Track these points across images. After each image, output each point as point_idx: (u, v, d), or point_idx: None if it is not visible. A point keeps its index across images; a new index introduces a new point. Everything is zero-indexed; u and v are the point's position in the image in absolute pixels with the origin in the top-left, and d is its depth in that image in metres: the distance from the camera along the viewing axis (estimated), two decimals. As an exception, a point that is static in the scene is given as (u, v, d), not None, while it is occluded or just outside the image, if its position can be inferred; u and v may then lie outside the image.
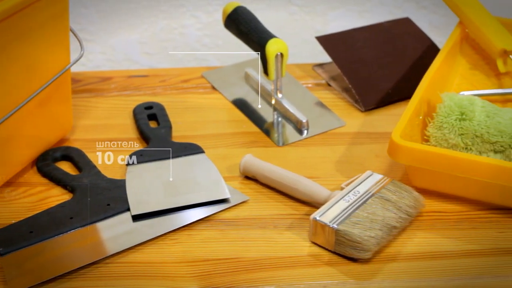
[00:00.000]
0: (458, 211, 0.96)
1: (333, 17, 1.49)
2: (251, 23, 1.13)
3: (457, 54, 1.16)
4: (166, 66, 1.47)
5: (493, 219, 0.95)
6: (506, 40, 1.11)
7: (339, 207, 0.91)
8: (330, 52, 1.18)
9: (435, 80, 1.07)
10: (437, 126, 1.00)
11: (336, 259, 0.90)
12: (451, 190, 0.97)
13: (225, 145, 1.07)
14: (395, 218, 0.91)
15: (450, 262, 0.89)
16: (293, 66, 1.23)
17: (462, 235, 0.93)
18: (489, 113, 0.99)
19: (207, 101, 1.16)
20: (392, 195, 0.93)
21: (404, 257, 0.90)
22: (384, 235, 0.89)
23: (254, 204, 0.98)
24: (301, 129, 1.10)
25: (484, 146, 0.98)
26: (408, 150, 0.94)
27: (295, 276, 0.88)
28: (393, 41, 1.21)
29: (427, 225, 0.94)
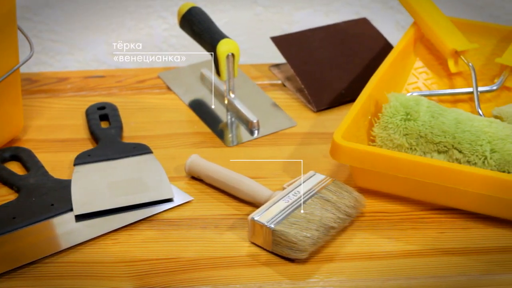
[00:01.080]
0: (400, 211, 0.96)
1: (299, 17, 1.49)
2: (204, 23, 1.13)
3: (411, 54, 1.15)
4: (133, 66, 1.47)
5: (435, 220, 0.95)
6: (457, 41, 1.11)
7: (278, 207, 0.91)
8: (284, 52, 1.18)
9: (385, 80, 1.06)
10: (382, 127, 1.00)
11: (274, 259, 0.90)
12: (393, 191, 0.97)
13: (175, 146, 1.07)
14: (333, 218, 0.91)
15: (387, 262, 0.89)
16: (249, 66, 1.23)
17: (402, 236, 0.93)
18: (434, 114, 0.98)
19: (161, 101, 1.16)
20: (332, 196, 0.93)
21: (342, 257, 0.90)
22: (321, 235, 0.89)
23: (197, 204, 0.98)
24: (252, 129, 1.10)
25: (428, 146, 0.97)
26: (349, 150, 0.94)
27: (232, 276, 0.88)
28: (350, 42, 1.21)
29: (368, 225, 0.94)
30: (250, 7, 1.50)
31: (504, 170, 0.93)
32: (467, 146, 0.95)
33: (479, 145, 0.95)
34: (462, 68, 1.12)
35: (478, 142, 0.95)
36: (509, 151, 0.93)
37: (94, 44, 1.49)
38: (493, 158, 0.94)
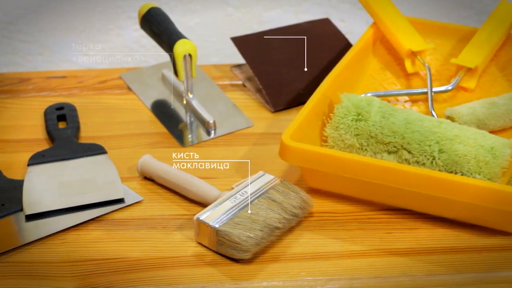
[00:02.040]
0: (349, 211, 0.96)
1: (269, 17, 1.49)
2: (163, 24, 1.13)
3: (369, 55, 1.15)
4: (104, 67, 1.48)
5: (383, 220, 0.95)
6: (413, 41, 1.11)
7: (224, 207, 0.91)
8: (244, 53, 1.18)
9: (340, 81, 1.07)
10: (334, 127, 1.00)
11: (219, 260, 0.90)
12: (342, 191, 0.97)
13: (130, 146, 1.08)
14: (278, 218, 0.91)
15: (332, 263, 0.89)
16: (210, 66, 1.23)
17: (348, 236, 0.93)
18: (384, 114, 0.98)
19: (121, 102, 1.17)
20: (279, 196, 0.93)
21: (287, 257, 0.90)
22: (265, 236, 0.89)
23: (148, 204, 0.98)
24: (208, 129, 1.10)
25: (378, 147, 0.97)
26: (296, 151, 0.94)
27: (176, 276, 0.88)
28: (311, 42, 1.21)
29: (316, 226, 0.94)
30: (221, 8, 1.50)
31: (451, 171, 0.93)
32: (416, 147, 0.95)
33: (427, 146, 0.95)
34: (419, 69, 1.12)
35: (426, 143, 0.95)
36: (456, 152, 0.93)
37: (64, 44, 1.50)
38: (441, 158, 0.94)
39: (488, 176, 0.92)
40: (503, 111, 1.03)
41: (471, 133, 0.95)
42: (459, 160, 0.93)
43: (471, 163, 0.92)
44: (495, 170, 0.92)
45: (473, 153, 0.93)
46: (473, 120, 1.02)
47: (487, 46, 1.10)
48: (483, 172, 0.92)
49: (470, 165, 0.92)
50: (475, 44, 1.10)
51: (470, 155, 0.93)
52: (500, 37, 1.12)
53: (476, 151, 0.93)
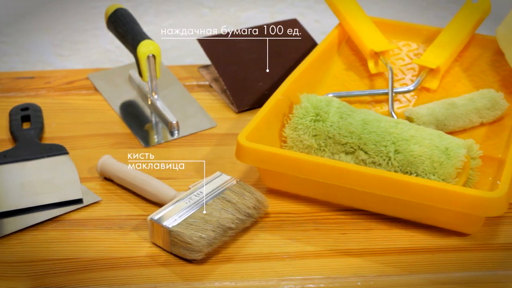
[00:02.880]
0: (305, 212, 0.96)
1: (244, 18, 1.49)
2: (128, 25, 1.14)
3: (334, 55, 1.15)
4: (79, 67, 1.48)
5: (339, 221, 0.95)
6: (376, 41, 1.11)
7: (178, 207, 0.92)
8: (210, 54, 1.18)
9: (302, 81, 1.07)
10: (292, 127, 1.00)
11: (172, 260, 0.90)
12: (299, 191, 0.97)
13: (93, 147, 1.08)
14: (232, 219, 0.91)
15: (285, 263, 0.89)
16: (178, 67, 1.23)
17: (303, 236, 0.93)
18: (342, 114, 0.98)
19: (87, 102, 1.17)
20: (234, 196, 0.93)
21: (241, 258, 0.90)
22: (218, 236, 0.89)
23: (106, 205, 0.98)
24: (172, 130, 1.10)
25: (336, 147, 0.97)
26: (251, 151, 0.94)
27: (128, 276, 0.88)
28: (277, 42, 1.21)
29: (271, 226, 0.94)
30: (195, 8, 1.50)
31: (407, 171, 0.93)
32: (372, 147, 0.95)
33: (383, 146, 0.95)
34: (382, 69, 1.12)
35: (382, 143, 0.95)
36: (412, 152, 0.93)
37: (41, 45, 1.50)
38: (396, 159, 0.94)
39: (442, 177, 0.92)
40: (462, 112, 1.02)
41: (427, 133, 0.95)
42: (414, 161, 0.93)
43: (425, 163, 0.92)
44: (449, 171, 0.91)
45: (428, 153, 0.93)
46: (431, 121, 1.02)
47: (450, 46, 1.10)
48: (437, 172, 0.92)
49: (424, 165, 0.92)
50: (438, 44, 1.10)
51: (425, 155, 0.93)
52: (463, 37, 1.12)
53: (431, 151, 0.93)
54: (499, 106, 1.04)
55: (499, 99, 1.04)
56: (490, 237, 0.92)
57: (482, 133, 1.03)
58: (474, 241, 0.92)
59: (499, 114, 1.04)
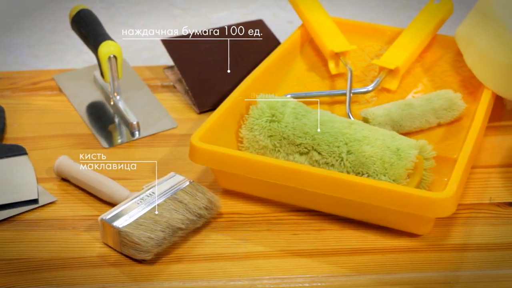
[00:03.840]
0: (258, 212, 0.96)
1: (217, 19, 1.49)
2: (90, 25, 1.14)
3: (296, 56, 1.16)
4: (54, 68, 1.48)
5: (292, 221, 0.95)
6: (336, 42, 1.11)
7: (130, 208, 0.92)
8: (173, 55, 1.18)
9: (261, 82, 1.07)
10: (248, 128, 1.00)
11: (122, 260, 0.90)
12: (252, 192, 0.97)
13: (53, 147, 1.08)
14: (182, 219, 0.91)
15: (235, 264, 0.89)
16: (144, 68, 1.24)
17: (255, 237, 0.93)
18: (297, 115, 0.98)
19: (51, 103, 1.17)
20: (186, 197, 0.93)
21: (191, 258, 0.90)
22: (167, 237, 0.89)
23: (61, 205, 0.99)
24: (132, 130, 1.10)
25: (290, 148, 0.97)
26: (203, 152, 0.94)
27: (78, 276, 0.88)
28: (242, 43, 1.21)
29: (224, 227, 0.95)
30: (168, 9, 1.51)
31: (358, 172, 0.93)
32: (325, 148, 0.95)
33: (336, 147, 0.95)
34: (343, 70, 1.12)
35: (335, 144, 0.95)
36: (363, 153, 0.93)
37: (16, 46, 1.51)
38: (348, 159, 0.94)
39: (393, 178, 0.91)
40: (418, 112, 1.02)
41: (380, 134, 0.95)
42: (366, 161, 0.93)
43: (376, 164, 0.92)
44: (399, 172, 0.91)
45: (379, 154, 0.93)
46: (387, 121, 1.01)
47: (410, 47, 1.10)
48: (388, 173, 0.92)
49: (376, 166, 0.92)
50: (397, 45, 1.10)
51: (376, 156, 0.93)
52: (424, 38, 1.12)
53: (382, 152, 0.93)
54: (456, 106, 1.04)
55: (456, 100, 1.04)
56: (441, 238, 0.92)
57: (439, 134, 1.03)
58: (425, 242, 0.92)
59: (456, 115, 1.04)
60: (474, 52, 1.04)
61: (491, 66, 1.02)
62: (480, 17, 1.05)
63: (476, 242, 0.92)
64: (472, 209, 0.97)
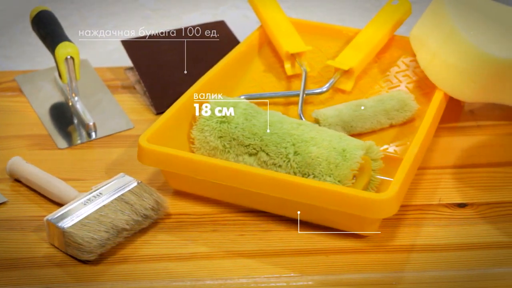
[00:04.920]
0: (206, 213, 0.96)
1: (187, 20, 1.49)
2: (49, 27, 1.14)
3: (254, 57, 1.15)
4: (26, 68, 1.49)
5: (238, 222, 0.95)
6: (291, 43, 1.11)
7: (76, 208, 0.92)
8: (132, 56, 1.19)
9: (216, 83, 1.07)
10: (199, 129, 1.00)
11: (68, 261, 0.90)
12: (201, 192, 0.98)
13: (9, 148, 1.08)
14: (127, 220, 0.91)
15: (179, 264, 0.89)
16: (105, 69, 1.24)
17: (201, 238, 0.93)
18: (247, 116, 0.99)
19: (11, 104, 1.18)
20: (133, 197, 0.93)
21: (136, 259, 0.91)
22: (111, 237, 0.90)
23: (11, 205, 0.99)
24: (89, 131, 1.11)
25: (239, 149, 0.98)
26: (150, 153, 0.95)
27: (22, 277, 0.88)
28: (202, 44, 1.21)
29: (171, 227, 0.95)
30: (138, 10, 1.51)
31: (305, 173, 0.93)
32: (273, 149, 0.95)
33: (283, 148, 0.95)
34: (299, 71, 1.12)
35: (283, 145, 0.95)
36: (310, 154, 0.93)
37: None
38: (295, 160, 0.94)
39: (338, 178, 0.91)
40: (370, 113, 1.02)
41: (327, 135, 0.95)
42: (312, 162, 0.93)
43: (322, 165, 0.92)
44: (344, 172, 0.91)
45: (325, 155, 0.93)
46: (338, 122, 1.01)
47: (366, 48, 1.10)
48: (333, 174, 0.92)
49: (321, 167, 0.92)
50: (353, 46, 1.10)
51: (322, 157, 0.93)
52: (380, 39, 1.12)
53: (328, 153, 0.93)
54: (408, 107, 1.03)
55: (408, 101, 1.04)
56: (387, 239, 0.92)
57: (391, 135, 1.03)
58: (371, 243, 0.92)
59: (409, 116, 1.04)
60: (426, 53, 1.04)
61: (442, 67, 1.02)
62: (433, 18, 1.04)
63: (421, 243, 0.92)
64: (420, 210, 0.97)
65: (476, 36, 1.00)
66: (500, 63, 1.00)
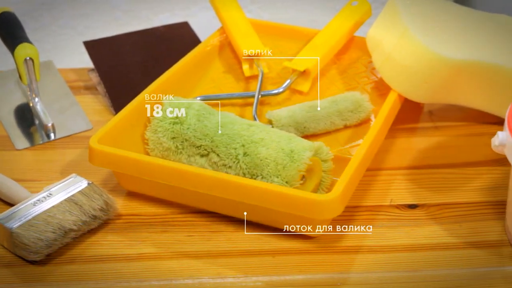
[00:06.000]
0: (157, 214, 0.97)
1: (158, 21, 1.50)
2: (10, 28, 1.15)
3: (215, 58, 1.16)
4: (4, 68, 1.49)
5: (188, 223, 0.95)
6: (249, 44, 1.11)
7: (25, 209, 0.92)
8: (93, 57, 1.19)
9: (173, 84, 1.07)
10: (153, 130, 1.00)
11: (16, 261, 0.91)
12: (151, 193, 0.98)
13: (-33, 149, 1.09)
14: (74, 221, 0.91)
15: (124, 265, 0.90)
16: (68, 70, 1.24)
17: (150, 238, 0.93)
18: (200, 117, 0.99)
19: (-27, 105, 1.18)
20: (82, 198, 0.94)
21: (84, 259, 0.91)
22: (58, 238, 0.90)
23: (-37, 207, 1.00)
24: (47, 132, 1.11)
25: (191, 150, 0.98)
26: (100, 154, 0.95)
27: (-31, 277, 0.89)
28: (165, 46, 1.21)
29: (121, 228, 0.95)
30: (109, 11, 1.51)
31: (253, 173, 0.93)
32: (223, 150, 0.95)
33: (233, 148, 0.95)
34: (257, 72, 1.12)
35: (232, 145, 0.95)
36: (258, 155, 0.93)
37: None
38: (244, 161, 0.94)
39: (286, 179, 0.92)
40: (323, 114, 1.02)
41: (277, 136, 0.95)
42: (260, 163, 0.93)
43: (270, 166, 0.92)
44: (291, 173, 0.91)
45: (273, 156, 0.93)
46: (291, 123, 1.02)
47: (323, 49, 1.10)
48: (281, 175, 0.92)
49: (269, 168, 0.92)
50: (310, 47, 1.10)
51: (270, 158, 0.93)
52: (338, 40, 1.12)
53: (276, 154, 0.93)
54: (362, 108, 1.04)
55: (362, 102, 1.04)
56: (335, 240, 0.92)
57: (346, 136, 1.03)
58: (319, 244, 0.92)
59: (363, 117, 1.04)
60: (381, 54, 1.04)
61: (395, 68, 1.02)
62: (387, 19, 1.05)
63: (369, 244, 0.92)
64: (371, 211, 0.97)
65: (428, 37, 1.00)
66: (452, 64, 1.00)
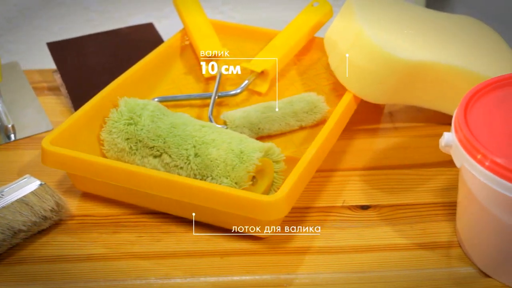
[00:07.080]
0: (110, 214, 0.97)
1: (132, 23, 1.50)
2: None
3: (176, 59, 1.16)
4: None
5: (140, 223, 0.95)
6: (208, 45, 1.11)
7: (-23, 210, 0.93)
8: (56, 58, 1.19)
9: (131, 85, 1.07)
10: (108, 131, 1.00)
11: (-34, 262, 0.91)
12: (103, 194, 0.98)
13: None
14: (24, 221, 0.92)
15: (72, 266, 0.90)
16: (34, 71, 1.25)
17: (100, 239, 0.93)
18: (154, 118, 0.99)
19: None
20: (33, 199, 0.94)
21: (33, 260, 0.91)
22: (7, 238, 0.90)
23: None
24: (7, 133, 1.12)
25: (145, 151, 0.98)
26: (50, 154, 0.95)
27: None
28: (129, 47, 1.22)
29: (73, 229, 0.95)
30: (83, 13, 1.52)
31: (204, 174, 0.93)
32: (175, 151, 0.96)
33: (184, 149, 0.95)
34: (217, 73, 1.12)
35: (184, 146, 0.95)
36: (209, 156, 0.93)
37: None
38: (195, 162, 0.94)
39: (235, 180, 0.92)
40: (278, 115, 1.03)
41: (228, 137, 0.95)
42: (210, 164, 0.93)
43: (220, 167, 0.93)
44: (240, 174, 0.92)
45: (223, 157, 0.93)
46: (245, 124, 1.02)
47: (282, 50, 1.10)
48: (230, 176, 0.92)
49: (219, 169, 0.93)
50: (269, 48, 1.11)
51: (220, 159, 0.93)
52: (297, 41, 1.12)
53: (226, 155, 0.93)
54: (318, 109, 1.04)
55: (318, 103, 1.04)
56: (285, 241, 0.92)
57: (301, 137, 1.03)
58: (268, 245, 0.92)
59: (319, 118, 1.04)
60: (337, 55, 1.04)
61: (350, 69, 1.02)
62: (343, 20, 1.05)
63: (318, 245, 0.92)
64: (323, 212, 0.97)
65: (383, 38, 1.00)
66: (407, 65, 1.00)
